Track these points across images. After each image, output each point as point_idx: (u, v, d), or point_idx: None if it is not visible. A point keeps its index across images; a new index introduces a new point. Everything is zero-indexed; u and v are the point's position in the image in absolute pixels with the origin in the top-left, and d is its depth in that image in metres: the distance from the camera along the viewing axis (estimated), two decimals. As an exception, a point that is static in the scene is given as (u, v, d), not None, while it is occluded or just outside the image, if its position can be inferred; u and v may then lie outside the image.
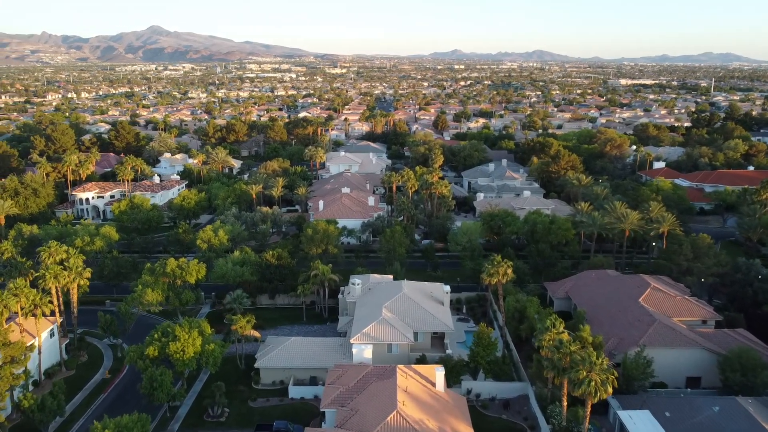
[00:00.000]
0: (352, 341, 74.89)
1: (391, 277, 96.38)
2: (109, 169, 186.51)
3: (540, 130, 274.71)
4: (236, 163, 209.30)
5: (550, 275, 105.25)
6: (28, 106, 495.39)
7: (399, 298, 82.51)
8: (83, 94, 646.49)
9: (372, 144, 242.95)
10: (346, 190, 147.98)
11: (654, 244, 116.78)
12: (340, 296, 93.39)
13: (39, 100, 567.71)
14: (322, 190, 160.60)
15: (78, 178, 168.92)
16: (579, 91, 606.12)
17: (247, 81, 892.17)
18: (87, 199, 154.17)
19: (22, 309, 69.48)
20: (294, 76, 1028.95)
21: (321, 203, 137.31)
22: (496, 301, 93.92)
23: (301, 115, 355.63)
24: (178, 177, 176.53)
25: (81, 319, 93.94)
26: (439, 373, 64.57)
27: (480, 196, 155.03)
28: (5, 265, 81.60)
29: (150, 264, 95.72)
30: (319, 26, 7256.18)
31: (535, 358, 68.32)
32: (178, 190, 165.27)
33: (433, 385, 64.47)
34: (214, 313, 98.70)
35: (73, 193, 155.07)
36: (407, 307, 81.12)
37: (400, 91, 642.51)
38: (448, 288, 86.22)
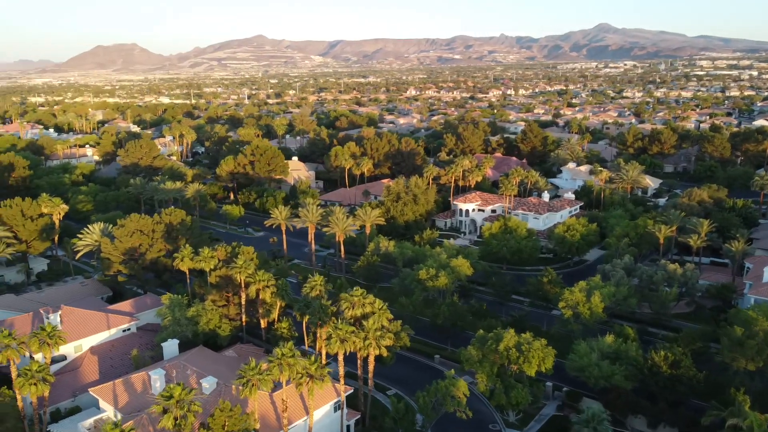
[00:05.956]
0: None
1: None
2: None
3: None
4: (653, 183, 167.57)
5: None
6: (469, 101, 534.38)
7: None
8: (521, 91, 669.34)
9: None
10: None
11: None
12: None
13: (481, 96, 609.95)
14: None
15: (467, 185, 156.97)
16: None
17: (694, 79, 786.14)
18: (467, 211, 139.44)
19: (287, 383, 53.07)
20: (755, 73, 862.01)
21: (767, 270, 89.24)
22: None
23: (757, 123, 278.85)
24: (573, 196, 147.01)
25: (399, 372, 76.58)
26: None
27: None
28: (309, 305, 67.79)
29: (483, 331, 70.59)
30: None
31: None
32: (569, 213, 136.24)
33: None
34: (559, 420, 68.17)
35: (455, 202, 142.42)
36: None
37: None
38: None
